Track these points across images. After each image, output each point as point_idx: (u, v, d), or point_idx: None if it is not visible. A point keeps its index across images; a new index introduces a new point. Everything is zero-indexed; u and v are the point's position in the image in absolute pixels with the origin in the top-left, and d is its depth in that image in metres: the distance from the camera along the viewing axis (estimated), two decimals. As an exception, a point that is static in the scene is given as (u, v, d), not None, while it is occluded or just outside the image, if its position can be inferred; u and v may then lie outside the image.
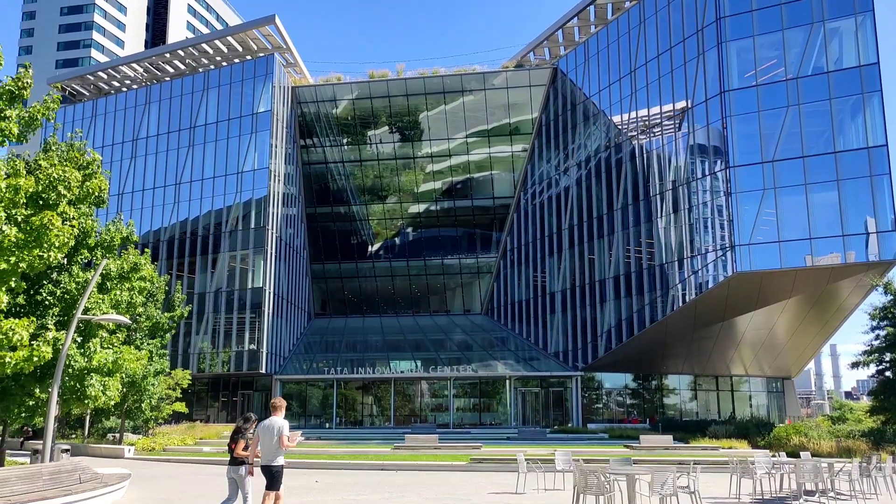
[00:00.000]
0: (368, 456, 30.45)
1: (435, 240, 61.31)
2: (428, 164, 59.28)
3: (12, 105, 15.60)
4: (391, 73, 57.33)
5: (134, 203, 58.25)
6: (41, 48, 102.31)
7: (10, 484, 13.99)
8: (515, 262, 56.92)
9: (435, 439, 34.24)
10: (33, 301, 20.65)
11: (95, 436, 40.97)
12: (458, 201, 60.04)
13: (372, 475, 24.41)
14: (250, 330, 51.01)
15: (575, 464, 15.23)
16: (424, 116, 57.79)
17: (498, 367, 49.93)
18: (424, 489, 19.36)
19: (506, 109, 56.48)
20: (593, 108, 50.36)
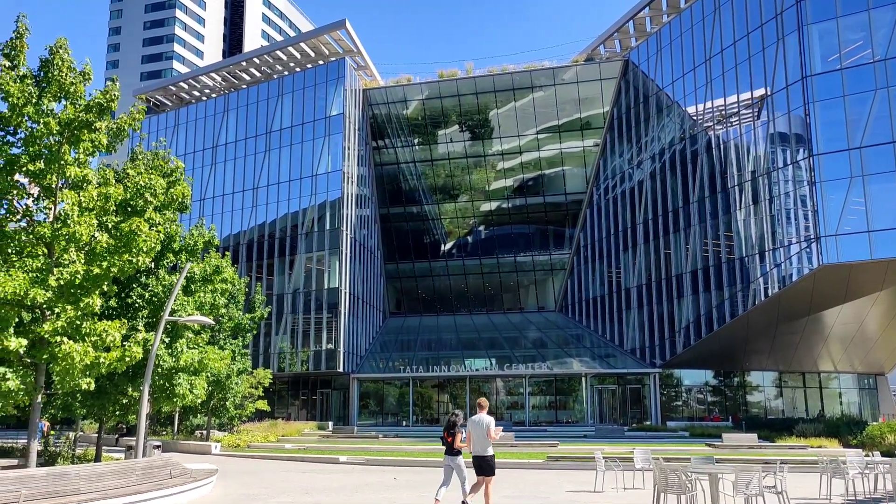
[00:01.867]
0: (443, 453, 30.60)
1: (507, 237, 61.17)
2: (499, 161, 59.18)
3: (102, 117, 16.40)
4: (460, 72, 57.51)
5: (215, 208, 60.25)
6: (126, 62, 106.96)
7: (107, 478, 14.71)
8: (589, 258, 56.22)
9: (511, 437, 34.17)
10: (124, 304, 21.64)
11: (184, 433, 42.57)
12: (530, 198, 59.72)
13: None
14: (327, 330, 52.03)
15: (654, 462, 14.94)
16: (494, 114, 57.72)
17: (573, 364, 49.44)
18: (502, 487, 19.34)
19: (576, 104, 55.83)
20: (666, 99, 49.24)
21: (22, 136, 16.18)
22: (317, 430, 46.34)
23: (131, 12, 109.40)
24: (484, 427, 13.15)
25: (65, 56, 16.26)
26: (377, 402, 53.51)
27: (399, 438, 41.22)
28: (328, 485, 20.35)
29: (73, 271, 15.11)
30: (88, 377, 15.31)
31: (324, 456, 31.09)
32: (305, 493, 18.25)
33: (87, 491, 13.64)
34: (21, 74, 16.06)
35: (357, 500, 16.67)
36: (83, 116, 16.02)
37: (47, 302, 15.01)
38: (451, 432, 13.66)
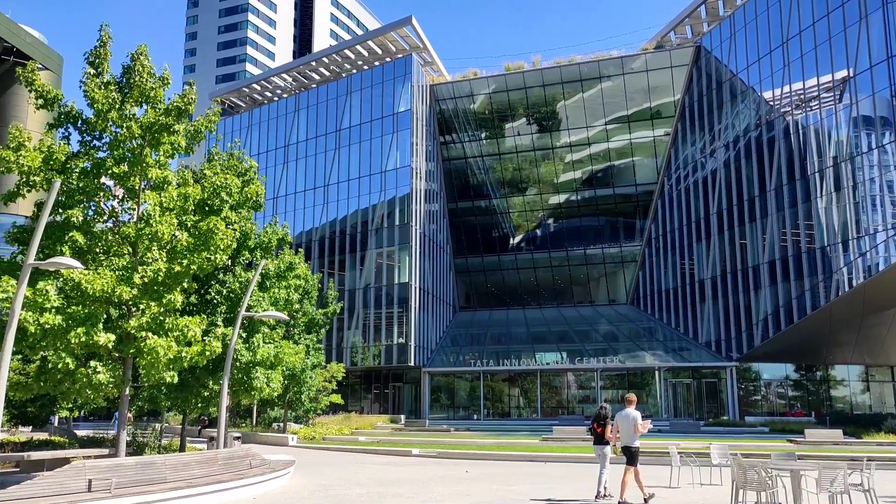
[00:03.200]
0: (517, 447, 30.60)
1: (577, 230, 60.52)
2: (567, 153, 58.57)
3: (180, 120, 17.00)
4: (527, 65, 57.12)
5: (287, 205, 61.65)
6: (202, 66, 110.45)
7: (191, 468, 15.30)
8: (661, 250, 55.09)
9: (583, 431, 33.77)
10: (203, 300, 22.40)
11: (262, 425, 43.80)
12: (600, 190, 58.91)
13: (521, 466, 24.53)
14: (398, 324, 52.61)
15: (732, 458, 14.56)
16: (562, 106, 57.13)
17: (646, 357, 48.59)
18: (575, 481, 19.22)
19: (646, 93, 54.71)
20: (741, 85, 47.72)
21: (107, 140, 16.95)
22: (389, 424, 46.95)
23: (206, 18, 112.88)
24: (631, 420, 14.37)
25: (145, 62, 16.92)
26: (448, 396, 53.84)
27: (470, 432, 41.37)
28: (401, 477, 20.62)
29: (155, 269, 15.74)
30: (172, 371, 15.93)
31: (397, 449, 31.49)
32: (379, 484, 18.54)
33: (174, 479, 14.21)
34: (105, 81, 16.80)
35: (430, 492, 16.85)
36: (163, 120, 16.65)
37: (133, 299, 15.68)
38: (601, 423, 15.03)
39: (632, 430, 14.36)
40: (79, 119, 17.02)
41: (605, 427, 15.03)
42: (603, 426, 15.03)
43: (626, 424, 14.46)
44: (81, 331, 14.49)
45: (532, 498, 15.57)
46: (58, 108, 16.94)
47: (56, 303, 14.52)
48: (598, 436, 15.14)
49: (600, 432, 15.08)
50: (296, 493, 16.74)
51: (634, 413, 14.53)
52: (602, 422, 15.08)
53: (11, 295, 13.09)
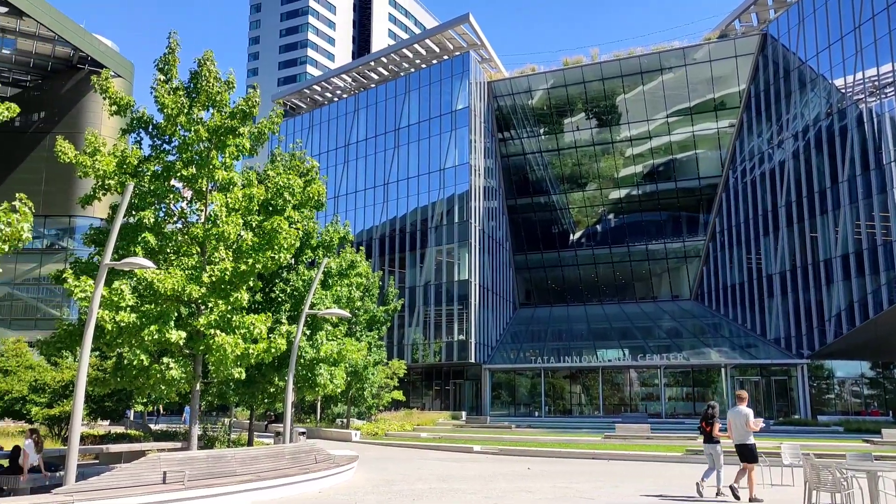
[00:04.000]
0: (579, 445, 30.36)
1: (638, 225, 59.58)
2: (627, 147, 57.71)
3: (245, 123, 17.43)
4: (585, 59, 56.49)
5: (348, 204, 62.49)
6: (265, 69, 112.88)
7: (259, 462, 15.70)
8: (726, 245, 53.76)
9: (647, 429, 33.36)
10: (268, 298, 22.91)
11: (326, 420, 44.54)
12: (661, 184, 57.85)
13: (583, 464, 24.34)
14: (458, 321, 52.76)
15: (805, 458, 14.14)
16: (622, 99, 56.30)
17: (711, 354, 47.52)
18: (639, 480, 18.98)
19: (709, 84, 53.44)
20: (810, 72, 46.15)
21: (176, 143, 17.51)
22: (450, 420, 47.15)
23: (268, 22, 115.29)
24: (743, 417, 14.40)
25: (211, 67, 17.40)
26: (509, 393, 53.74)
27: (532, 429, 41.22)
28: (463, 473, 20.70)
29: (222, 268, 16.18)
30: (239, 367, 16.36)
31: (458, 445, 31.61)
32: (442, 480, 18.66)
33: (243, 473, 14.61)
34: (174, 87, 17.35)
35: (491, 488, 16.88)
36: (228, 123, 17.10)
37: (201, 297, 16.16)
38: (710, 422, 15.22)
39: (744, 428, 14.41)
40: (149, 124, 17.62)
41: (713, 425, 15.21)
42: (711, 424, 15.23)
43: (739, 422, 14.51)
44: (154, 328, 15.01)
45: (621, 493, 15.42)
46: (130, 113, 17.57)
47: (131, 301, 15.07)
48: (707, 434, 15.33)
49: (709, 431, 15.27)
50: (360, 487, 16.99)
51: (747, 410, 14.55)
52: (710, 420, 15.28)
53: (90, 294, 13.65)
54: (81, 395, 12.14)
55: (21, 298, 59.23)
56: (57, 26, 51.71)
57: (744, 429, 14.38)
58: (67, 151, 16.14)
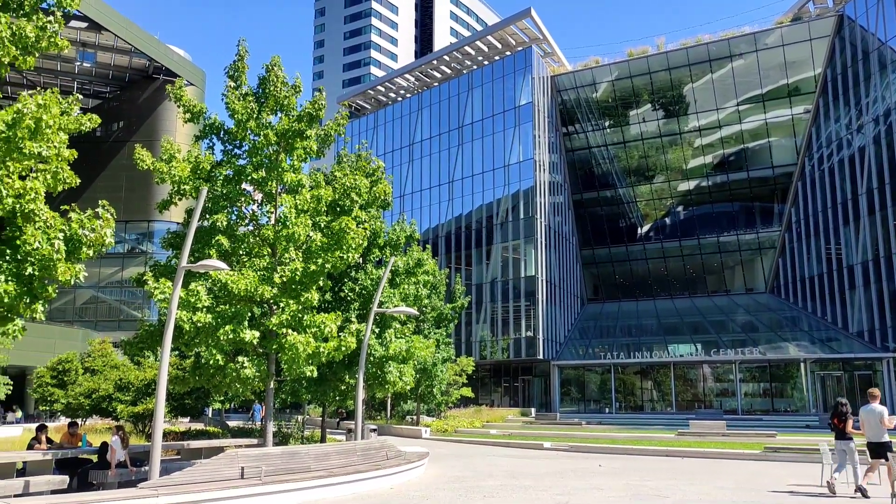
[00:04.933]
0: (651, 441, 29.87)
1: (708, 217, 58.11)
2: (696, 138, 56.34)
3: (311, 125, 17.79)
4: (651, 49, 55.44)
5: (414, 203, 62.99)
6: (330, 71, 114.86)
7: (332, 458, 16.02)
8: (803, 235, 51.90)
9: (722, 426, 32.55)
10: (338, 297, 23.31)
11: (396, 417, 45.04)
12: (732, 174, 56.25)
13: (656, 461, 23.94)
14: (526, 317, 52.56)
15: (893, 456, 13.58)
16: (689, 89, 55.00)
17: (789, 348, 45.97)
18: (715, 478, 18.55)
19: (782, 69, 51.67)
20: (891, 53, 44.07)
21: (246, 148, 18.00)
22: (520, 417, 47.03)
23: (332, 25, 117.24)
24: (878, 415, 14.32)
25: (279, 73, 17.83)
26: (578, 389, 53.25)
27: (602, 426, 40.77)
28: (534, 469, 20.65)
29: (293, 269, 16.55)
30: (311, 365, 16.70)
31: (528, 441, 31.52)
32: (512, 476, 18.66)
33: (316, 469, 14.94)
34: (243, 93, 17.85)
35: (562, 485, 16.78)
36: (296, 126, 17.48)
37: (273, 297, 16.58)
38: (843, 419, 15.23)
39: (879, 425, 14.29)
40: (221, 129, 18.17)
41: (845, 422, 15.19)
42: (844, 421, 15.20)
43: (873, 419, 14.40)
44: (229, 328, 15.47)
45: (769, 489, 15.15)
46: (202, 120, 18.15)
47: (206, 302, 15.58)
48: (839, 431, 15.31)
49: (841, 427, 15.24)
50: (431, 483, 17.14)
51: (881, 408, 14.44)
52: (843, 417, 15.26)
53: (169, 295, 14.18)
54: (163, 393, 12.63)
55: (105, 301, 61.88)
56: (133, 39, 53.77)
57: (878, 426, 14.28)
58: (145, 159, 16.79)
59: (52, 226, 10.84)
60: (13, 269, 10.55)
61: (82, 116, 11.98)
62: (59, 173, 11.23)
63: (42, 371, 36.02)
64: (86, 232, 11.20)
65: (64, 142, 11.26)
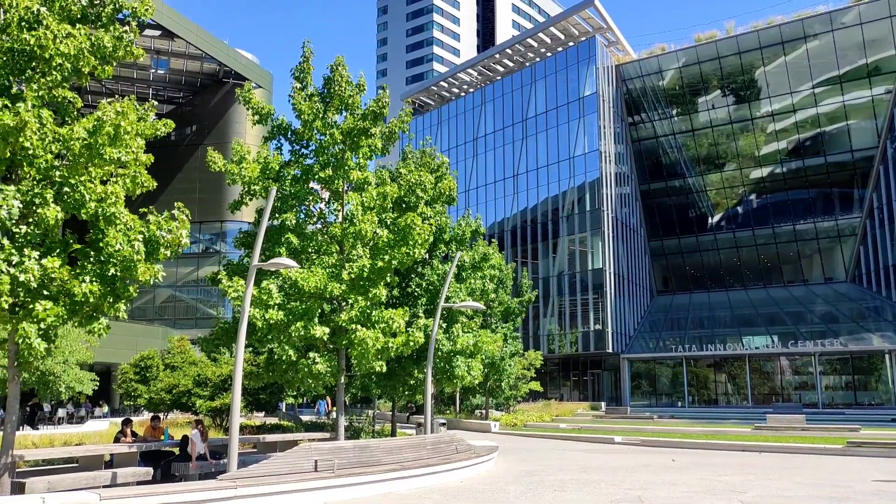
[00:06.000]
0: (726, 436, 29.14)
1: (783, 204, 56.19)
2: (769, 123, 54.52)
3: (376, 123, 18.02)
4: (720, 33, 53.92)
5: (479, 197, 62.96)
6: (393, 69, 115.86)
7: (402, 451, 16.22)
8: (886, 221, 49.60)
9: (801, 420, 31.48)
10: (405, 293, 23.53)
11: (465, 412, 45.21)
12: (808, 160, 54.22)
13: (732, 456, 23.35)
14: (594, 310, 51.97)
15: None
16: (761, 73, 53.25)
17: (873, 339, 44.08)
18: (794, 473, 17.98)
19: (860, 49, 49.47)
20: (979, 27, 41.72)
21: (313, 147, 18.36)
22: (590, 411, 46.57)
23: (395, 23, 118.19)
24: None
25: (343, 72, 18.10)
26: (649, 383, 52.35)
27: (674, 420, 39.99)
28: (605, 464, 20.43)
29: (360, 266, 16.80)
30: (380, 360, 16.93)
31: (598, 436, 31.19)
32: (583, 471, 18.51)
33: (388, 462, 15.15)
34: (309, 93, 18.20)
35: (635, 479, 16.55)
36: (361, 124, 17.73)
37: (342, 294, 16.87)
38: None
39: None
40: (288, 130, 18.57)
41: None
42: None
43: None
44: (300, 325, 15.83)
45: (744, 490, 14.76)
46: (270, 121, 18.59)
47: (278, 300, 15.97)
48: None
49: None
50: (501, 477, 17.17)
51: None
52: None
53: (242, 293, 14.59)
54: (239, 388, 13.02)
55: (182, 299, 64.07)
56: (204, 45, 55.37)
57: None
58: (217, 161, 17.32)
59: (132, 228, 11.29)
60: (97, 271, 11.05)
61: (158, 122, 12.44)
62: (137, 177, 11.69)
63: (126, 367, 37.58)
64: (163, 233, 11.64)
65: (141, 147, 11.72)
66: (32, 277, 10.33)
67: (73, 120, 11.72)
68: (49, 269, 10.52)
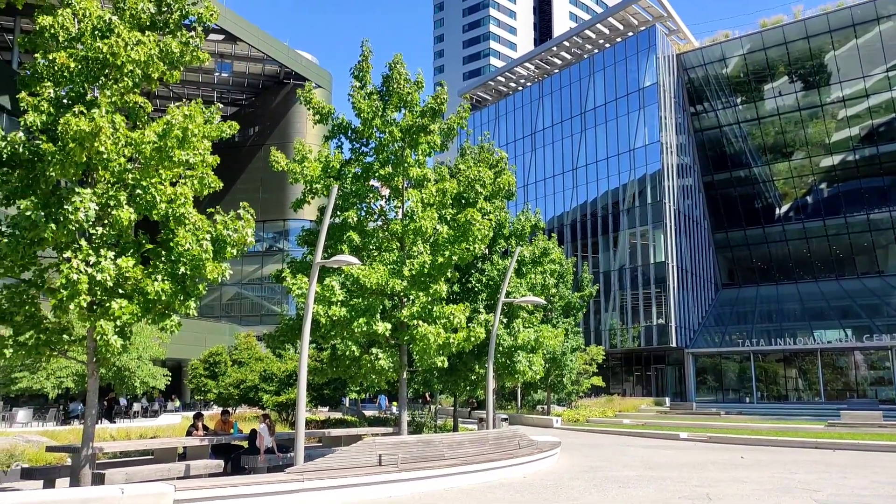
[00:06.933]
0: (798, 433, 28.29)
1: (856, 193, 54.09)
2: (840, 109, 52.55)
3: (434, 120, 18.09)
4: (786, 18, 52.34)
5: (537, 192, 62.58)
6: (450, 65, 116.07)
7: (465, 446, 16.28)
8: (968, 209, 47.32)
9: (878, 416, 30.34)
10: (465, 288, 23.61)
11: (526, 407, 45.07)
12: (883, 146, 52.04)
13: (803, 453, 22.66)
14: (656, 304, 51.11)
15: None
16: (831, 57, 51.36)
17: (954, 334, 42.15)
18: (871, 471, 17.35)
19: (937, 28, 47.27)
20: None
21: (372, 145, 18.57)
22: (653, 406, 45.85)
23: (451, 19, 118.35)
24: None
25: (401, 70, 18.23)
26: (715, 378, 51.20)
27: (742, 416, 39.06)
28: (670, 460, 20.10)
29: (421, 262, 16.92)
30: (442, 356, 17.03)
31: (663, 432, 30.70)
32: (647, 467, 18.25)
33: (450, 457, 15.24)
34: (368, 92, 18.40)
35: (702, 476, 16.24)
36: (420, 121, 17.84)
37: (403, 290, 17.01)
38: None
39: None
40: (348, 129, 18.82)
41: None
42: None
43: None
44: (363, 321, 16.04)
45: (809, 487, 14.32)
46: (330, 121, 18.87)
47: (341, 296, 16.21)
48: None
49: None
50: (564, 472, 17.07)
51: None
52: None
53: (305, 290, 14.86)
54: (304, 383, 13.28)
55: (248, 297, 65.58)
56: (265, 47, 56.46)
57: None
58: (280, 160, 17.69)
59: (200, 228, 11.64)
60: (168, 270, 11.43)
61: (223, 124, 12.77)
62: (204, 178, 12.03)
63: (195, 363, 38.69)
64: (229, 232, 11.96)
65: (208, 149, 12.06)
66: (108, 277, 10.76)
67: (143, 124, 12.14)
68: (124, 269, 10.94)
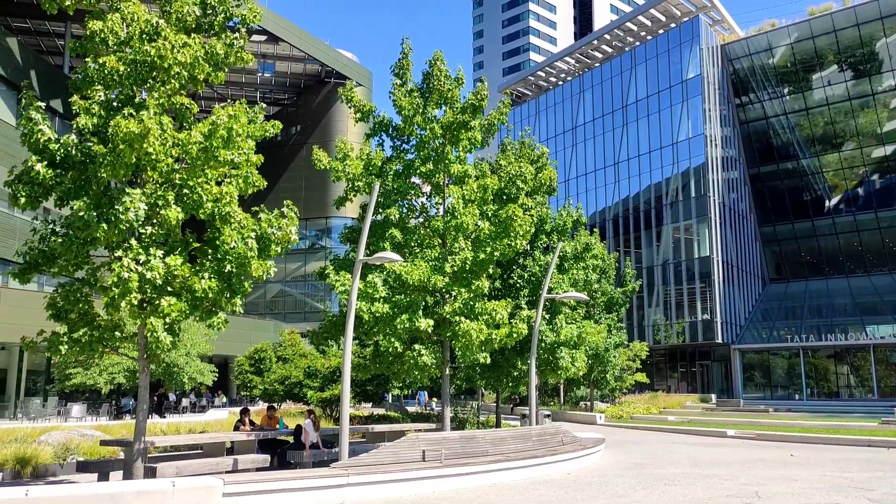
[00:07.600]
0: (850, 430, 27.61)
1: (910, 184, 52.49)
2: (892, 98, 51.00)
3: (475, 116, 18.08)
4: (835, 5, 50.92)
5: (579, 187, 62.07)
6: (489, 61, 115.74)
7: (507, 443, 16.26)
8: None
9: (934, 415, 29.48)
10: (507, 284, 23.55)
11: (569, 403, 44.84)
12: (938, 135, 50.40)
13: (856, 451, 22.10)
14: (701, 300, 50.32)
15: None
16: (882, 44, 49.86)
17: None
18: (925, 471, 16.86)
19: None
20: None
21: (413, 142, 18.63)
22: (699, 403, 45.20)
23: (490, 15, 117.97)
24: None
25: (441, 67, 18.26)
26: (763, 374, 50.23)
27: (791, 413, 38.28)
28: (717, 458, 19.80)
29: (463, 258, 16.94)
30: (484, 352, 17.04)
31: (709, 429, 30.25)
32: (694, 465, 18.01)
33: (493, 453, 15.24)
34: (409, 89, 18.47)
35: (750, 474, 15.96)
36: (460, 118, 17.84)
37: (445, 286, 17.06)
38: None
39: None
40: (389, 126, 18.92)
41: None
42: None
43: None
44: (405, 317, 16.12)
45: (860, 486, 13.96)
46: (371, 118, 19.00)
47: (383, 293, 16.33)
48: None
49: None
50: (609, 469, 16.94)
51: None
52: None
53: (348, 287, 15.00)
54: (348, 379, 13.41)
55: (291, 294, 66.41)
56: (307, 47, 57.05)
57: None
58: (322, 159, 17.87)
59: (246, 226, 11.84)
60: (215, 268, 11.65)
61: (266, 123, 12.96)
62: (248, 177, 12.23)
63: (241, 360, 39.38)
64: (274, 230, 12.14)
65: (252, 148, 12.25)
66: (158, 275, 11.01)
67: (190, 125, 12.38)
68: (172, 267, 11.19)
